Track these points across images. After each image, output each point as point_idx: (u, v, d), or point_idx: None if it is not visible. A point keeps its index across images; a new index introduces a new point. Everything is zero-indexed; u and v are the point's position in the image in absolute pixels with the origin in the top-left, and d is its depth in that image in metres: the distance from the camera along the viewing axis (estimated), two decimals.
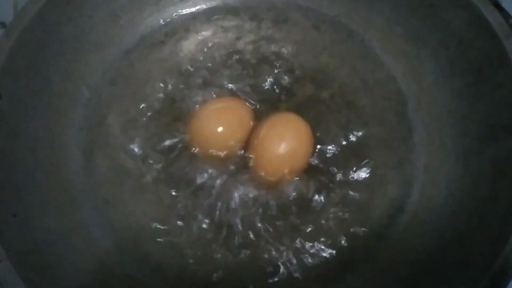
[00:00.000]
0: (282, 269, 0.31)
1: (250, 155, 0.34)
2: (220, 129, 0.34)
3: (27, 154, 0.31)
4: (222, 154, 0.34)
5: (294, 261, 0.31)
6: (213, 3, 0.40)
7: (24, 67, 0.32)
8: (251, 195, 0.33)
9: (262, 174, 0.33)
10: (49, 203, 0.31)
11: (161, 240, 0.32)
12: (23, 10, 0.33)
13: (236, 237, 0.32)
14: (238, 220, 0.32)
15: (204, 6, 0.40)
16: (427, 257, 0.29)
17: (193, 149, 0.34)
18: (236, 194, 0.33)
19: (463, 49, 0.33)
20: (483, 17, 0.31)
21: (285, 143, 0.33)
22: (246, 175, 0.33)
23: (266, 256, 0.31)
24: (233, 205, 0.33)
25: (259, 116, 0.35)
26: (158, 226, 0.32)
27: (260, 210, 0.32)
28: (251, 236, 0.32)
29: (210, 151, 0.34)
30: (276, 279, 0.31)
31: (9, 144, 0.31)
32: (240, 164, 0.34)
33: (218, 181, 0.33)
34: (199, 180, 0.33)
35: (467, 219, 0.29)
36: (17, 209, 0.29)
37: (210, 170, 0.33)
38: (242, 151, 0.34)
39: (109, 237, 0.32)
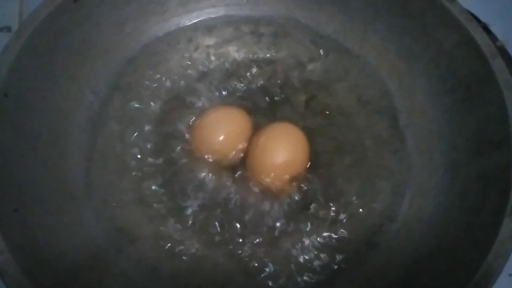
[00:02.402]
0: (274, 274, 0.32)
1: (249, 162, 0.35)
2: (220, 136, 0.35)
3: (30, 152, 0.32)
4: (222, 160, 0.35)
5: (286, 266, 0.32)
6: (216, 16, 0.42)
7: (31, 69, 0.33)
8: (248, 201, 0.34)
9: (259, 180, 0.34)
10: (49, 200, 0.31)
11: (158, 241, 0.32)
12: (33, 14, 0.34)
13: (231, 242, 0.32)
14: (234, 225, 0.33)
15: (207, 18, 0.42)
16: (416, 264, 0.30)
17: (194, 155, 0.35)
18: (233, 200, 0.34)
19: (453, 68, 0.34)
20: (473, 39, 0.33)
21: (283, 151, 0.34)
22: (244, 181, 0.34)
23: (258, 261, 0.32)
24: (230, 210, 0.33)
25: (256, 126, 0.36)
26: (155, 227, 0.33)
27: (255, 216, 0.33)
28: (245, 241, 0.33)
29: (211, 157, 0.35)
30: (268, 284, 0.31)
31: (13, 142, 0.31)
32: (239, 170, 0.35)
33: (217, 187, 0.34)
34: (197, 185, 0.34)
35: (454, 229, 0.30)
36: (18, 204, 0.29)
37: (209, 176, 0.34)
38: (241, 158, 0.35)
39: (106, 236, 0.32)
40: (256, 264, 0.32)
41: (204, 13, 0.42)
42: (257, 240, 0.33)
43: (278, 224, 0.33)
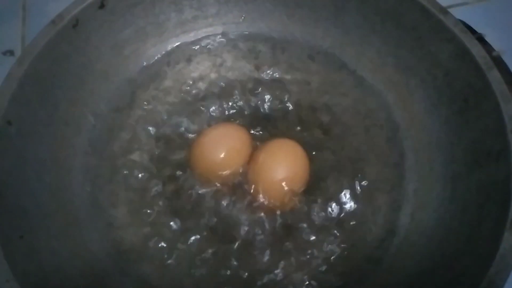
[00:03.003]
0: None
1: (250, 180, 0.35)
2: (221, 154, 0.35)
3: (34, 178, 0.33)
4: (222, 179, 0.35)
5: (290, 284, 0.32)
6: (214, 35, 0.42)
7: (33, 95, 0.34)
8: (249, 220, 0.34)
9: (261, 198, 0.34)
10: (54, 225, 0.32)
11: (162, 263, 0.33)
12: (33, 41, 0.34)
13: (234, 260, 0.33)
14: (237, 244, 0.33)
15: (205, 38, 0.42)
16: (417, 279, 0.30)
17: (195, 174, 0.35)
18: (236, 219, 0.34)
19: (450, 80, 0.34)
20: (468, 50, 0.33)
21: (283, 168, 0.34)
22: (245, 200, 0.34)
23: (262, 279, 0.32)
24: (233, 229, 0.34)
25: (256, 143, 0.36)
26: (160, 249, 0.33)
27: (258, 234, 0.33)
28: (250, 260, 0.33)
29: (212, 176, 0.35)
30: None
31: (17, 168, 0.32)
32: (240, 189, 0.35)
33: (219, 206, 0.34)
34: (200, 205, 0.34)
35: (455, 242, 0.30)
36: (23, 231, 0.30)
37: (211, 196, 0.35)
38: (242, 176, 0.35)
39: (111, 258, 0.33)
40: (260, 284, 0.32)
41: (201, 32, 0.42)
42: (259, 258, 0.33)
43: (279, 241, 0.33)
